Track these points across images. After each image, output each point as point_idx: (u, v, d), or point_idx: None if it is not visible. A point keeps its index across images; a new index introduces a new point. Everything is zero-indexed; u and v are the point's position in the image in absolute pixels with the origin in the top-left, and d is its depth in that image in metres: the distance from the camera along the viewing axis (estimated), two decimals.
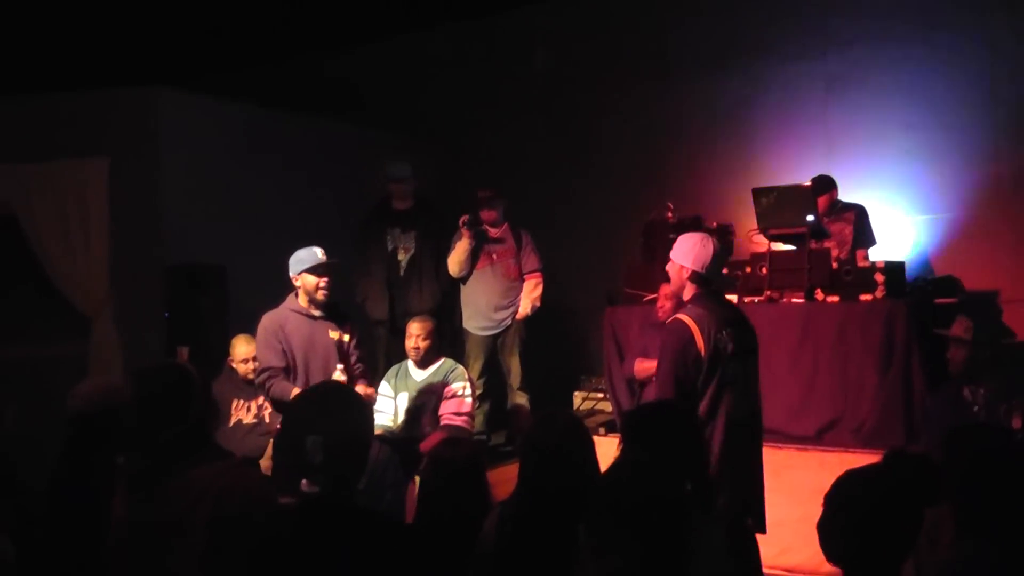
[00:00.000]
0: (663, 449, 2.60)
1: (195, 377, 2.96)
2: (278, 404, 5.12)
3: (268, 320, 5.22)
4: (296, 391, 5.01)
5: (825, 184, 6.57)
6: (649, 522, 2.01)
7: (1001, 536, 2.55)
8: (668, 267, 4.58)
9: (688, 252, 4.45)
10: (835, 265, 5.88)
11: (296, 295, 5.25)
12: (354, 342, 5.36)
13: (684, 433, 2.71)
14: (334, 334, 5.22)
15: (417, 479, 4.73)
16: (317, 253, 5.17)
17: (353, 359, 5.35)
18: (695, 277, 4.42)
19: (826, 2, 7.28)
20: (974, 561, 2.54)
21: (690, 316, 4.25)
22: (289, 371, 5.16)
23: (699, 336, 4.13)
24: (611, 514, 2.05)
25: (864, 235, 6.46)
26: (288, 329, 5.17)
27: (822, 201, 6.50)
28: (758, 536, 3.82)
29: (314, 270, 5.15)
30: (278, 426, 4.46)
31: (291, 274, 5.21)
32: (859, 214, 6.49)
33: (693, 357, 4.11)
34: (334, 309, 5.30)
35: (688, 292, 4.48)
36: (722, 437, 3.96)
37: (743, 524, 2.77)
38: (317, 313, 5.22)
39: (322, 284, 5.16)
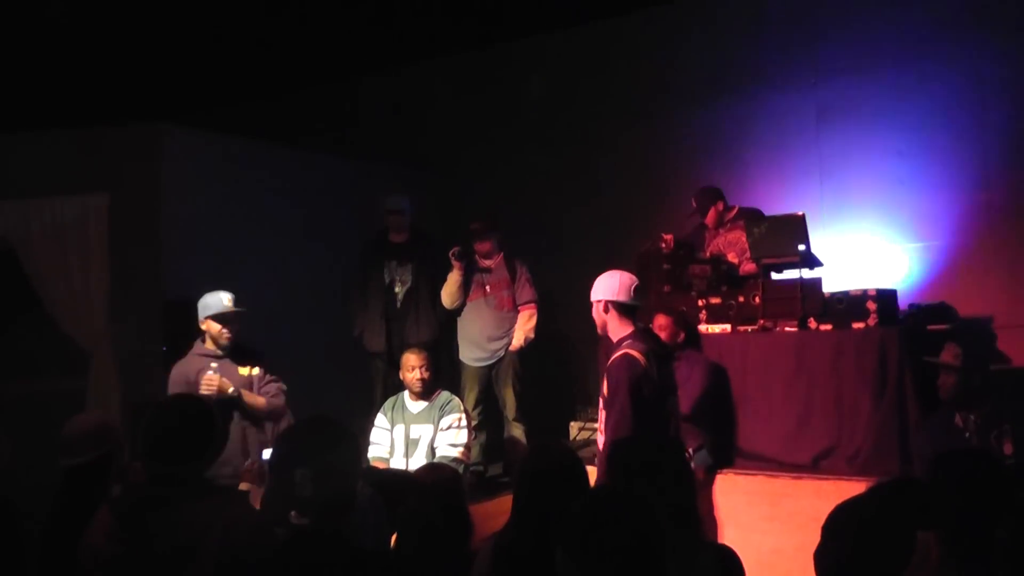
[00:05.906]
0: (645, 480, 2.63)
1: (217, 417, 2.96)
2: None
3: (176, 372, 5.25)
4: None
5: (710, 197, 6.67)
6: (624, 549, 2.04)
7: (986, 561, 2.57)
8: (593, 313, 4.70)
9: (599, 288, 4.63)
10: (742, 272, 6.24)
11: (203, 340, 5.29)
12: (266, 377, 5.35)
13: (666, 464, 2.74)
14: (243, 370, 5.27)
15: None
16: (223, 300, 5.20)
17: (264, 394, 5.32)
18: (616, 307, 4.56)
19: (816, 33, 7.35)
20: None
21: (636, 351, 4.33)
22: None
23: (650, 369, 4.20)
24: (586, 540, 2.08)
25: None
26: (197, 377, 5.18)
27: (710, 216, 6.67)
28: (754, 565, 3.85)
29: (218, 318, 5.20)
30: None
31: (199, 318, 5.25)
32: (749, 220, 6.31)
33: (649, 389, 4.17)
34: (239, 348, 5.31)
35: (616, 327, 4.58)
36: None
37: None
38: (222, 353, 5.26)
39: (225, 331, 5.21)
